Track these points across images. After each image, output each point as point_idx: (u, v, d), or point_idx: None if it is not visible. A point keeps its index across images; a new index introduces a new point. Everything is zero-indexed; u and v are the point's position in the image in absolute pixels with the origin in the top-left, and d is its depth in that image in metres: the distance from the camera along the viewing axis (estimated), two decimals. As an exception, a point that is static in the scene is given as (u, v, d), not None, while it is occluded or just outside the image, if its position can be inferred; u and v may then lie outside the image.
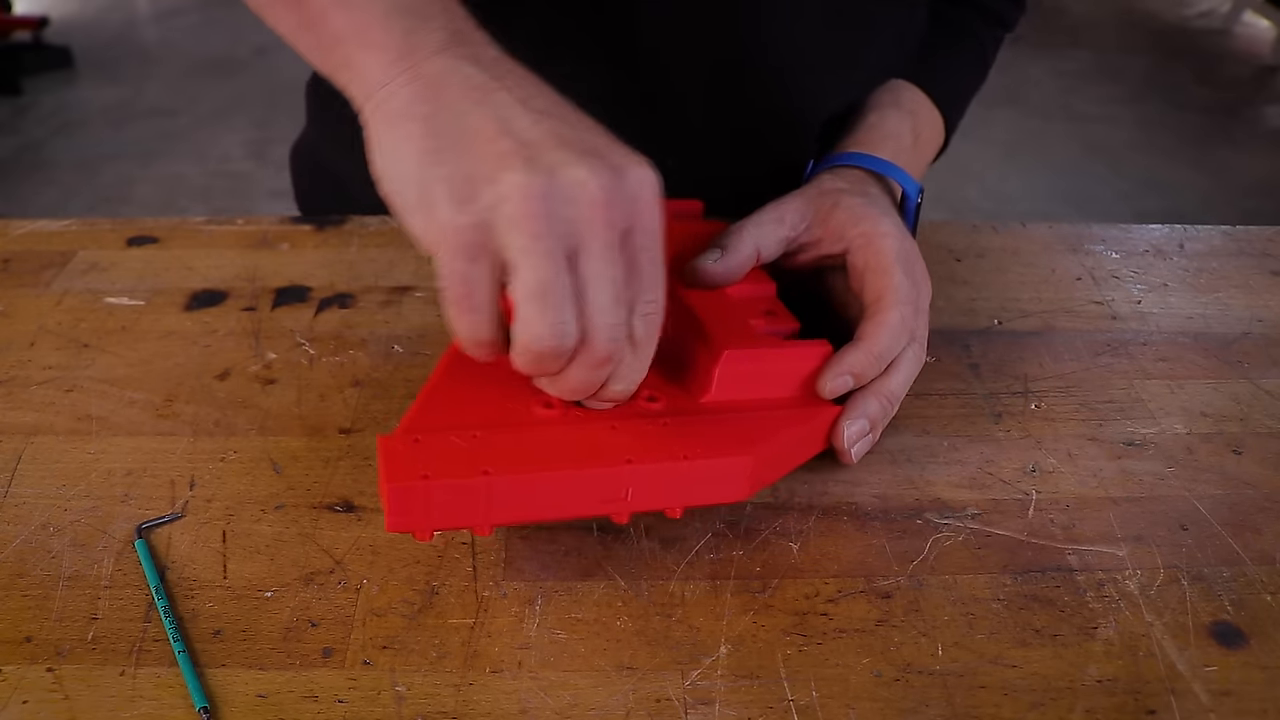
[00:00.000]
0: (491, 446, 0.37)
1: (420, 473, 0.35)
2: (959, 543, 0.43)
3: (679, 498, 0.39)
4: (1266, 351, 0.56)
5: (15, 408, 0.49)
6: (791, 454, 0.44)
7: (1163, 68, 3.50)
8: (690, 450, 0.38)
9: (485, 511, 0.37)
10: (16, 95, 3.06)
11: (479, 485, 0.36)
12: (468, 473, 0.36)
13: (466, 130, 0.34)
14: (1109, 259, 0.65)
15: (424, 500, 0.36)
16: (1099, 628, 0.39)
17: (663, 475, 0.38)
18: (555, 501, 0.38)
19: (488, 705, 0.36)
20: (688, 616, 0.39)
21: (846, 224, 0.48)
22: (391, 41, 0.36)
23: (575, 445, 0.38)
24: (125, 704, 0.36)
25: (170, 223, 0.65)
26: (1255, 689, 0.37)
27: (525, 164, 0.32)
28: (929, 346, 0.48)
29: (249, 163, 2.71)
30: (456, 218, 0.33)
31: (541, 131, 0.34)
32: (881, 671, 0.37)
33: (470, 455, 0.37)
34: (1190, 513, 0.45)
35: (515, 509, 0.37)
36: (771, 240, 0.49)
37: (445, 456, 0.36)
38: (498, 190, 0.32)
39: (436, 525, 0.36)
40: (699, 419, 0.41)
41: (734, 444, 0.40)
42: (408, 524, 0.36)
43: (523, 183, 0.32)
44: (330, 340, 0.54)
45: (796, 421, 0.43)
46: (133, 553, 0.42)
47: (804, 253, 0.50)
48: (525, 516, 0.38)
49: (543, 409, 0.40)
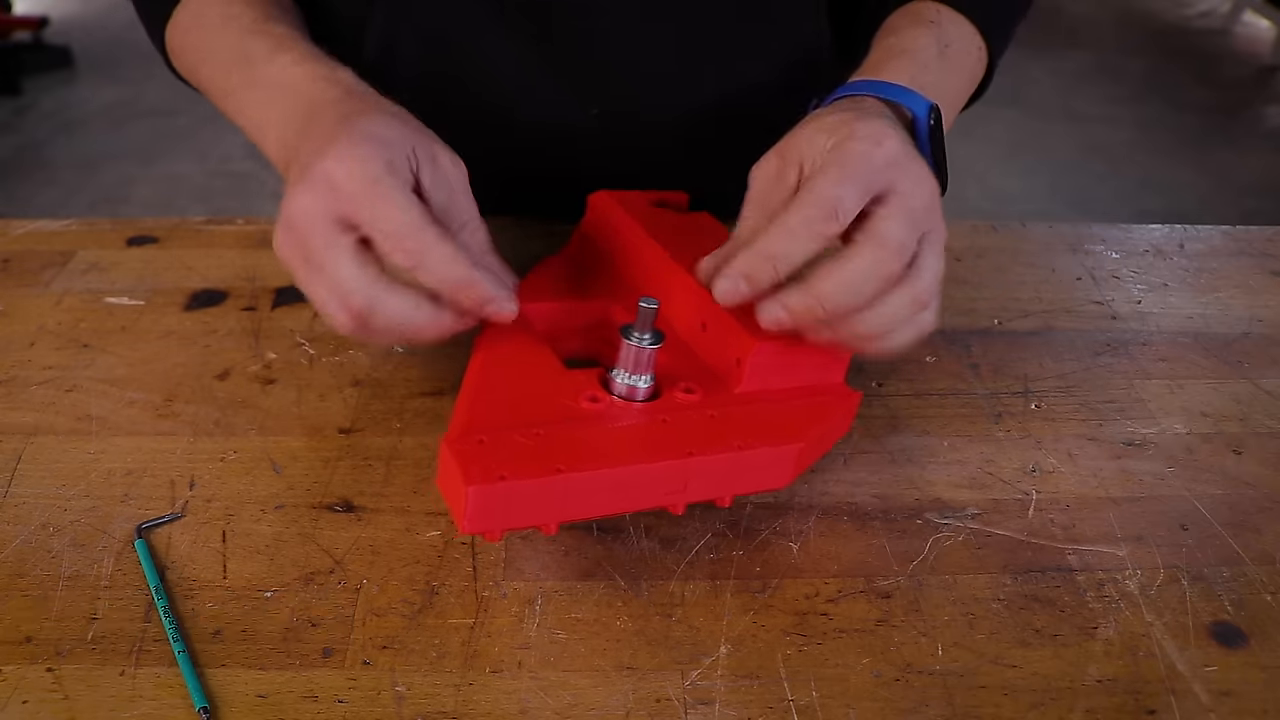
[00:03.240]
0: (557, 444, 0.38)
1: (498, 474, 0.35)
2: (959, 543, 0.43)
3: (730, 486, 0.40)
4: (1266, 351, 0.56)
5: (15, 408, 0.49)
6: (825, 439, 0.44)
7: (1162, 68, 3.50)
8: (745, 440, 0.39)
9: (558, 509, 0.37)
10: (16, 95, 3.06)
11: (554, 484, 0.36)
12: (542, 471, 0.36)
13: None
14: (1109, 259, 0.65)
15: (502, 501, 0.36)
16: (1099, 628, 0.39)
17: (721, 466, 0.39)
18: (621, 496, 0.38)
19: (488, 705, 0.36)
20: (688, 616, 0.39)
21: (824, 141, 0.42)
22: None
23: (637, 439, 0.39)
24: (125, 704, 0.36)
25: (170, 223, 0.65)
26: (1255, 689, 0.37)
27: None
28: (929, 347, 0.48)
29: (249, 163, 2.71)
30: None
31: (295, 170, 0.42)
32: (881, 671, 0.37)
33: (540, 454, 0.37)
34: (1190, 513, 0.45)
35: (584, 505, 0.38)
36: None
37: (516, 456, 0.37)
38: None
39: (510, 525, 0.37)
40: (741, 409, 0.41)
41: (783, 432, 0.41)
42: (484, 526, 0.36)
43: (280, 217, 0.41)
44: (330, 340, 0.54)
45: (829, 408, 0.43)
46: (133, 553, 0.42)
47: None
48: (592, 512, 0.39)
49: (589, 403, 0.40)
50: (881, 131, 0.41)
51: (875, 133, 0.41)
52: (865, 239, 0.39)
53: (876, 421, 0.50)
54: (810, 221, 0.39)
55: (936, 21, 0.53)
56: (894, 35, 0.52)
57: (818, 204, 0.39)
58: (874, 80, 0.48)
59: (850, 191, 0.39)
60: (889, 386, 0.52)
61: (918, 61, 0.49)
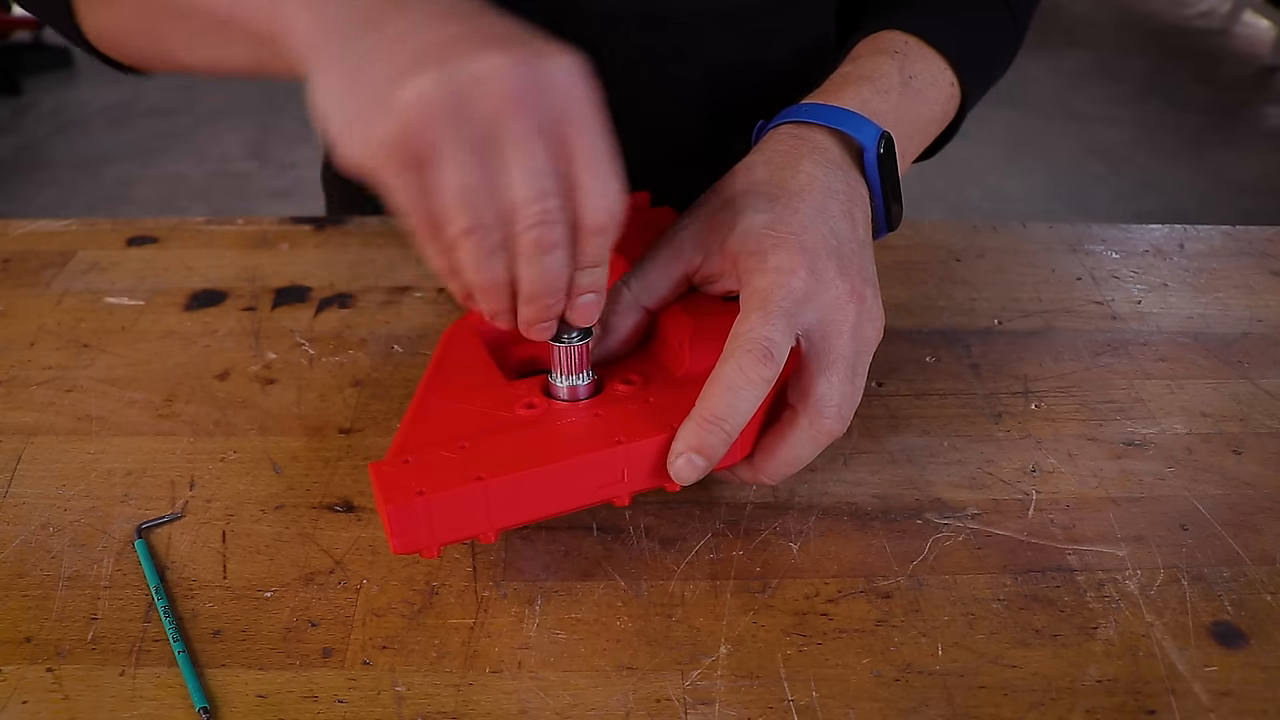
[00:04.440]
0: (481, 454, 0.37)
1: (415, 490, 0.35)
2: (959, 543, 0.43)
3: None
4: (1266, 351, 0.56)
5: (15, 408, 0.49)
6: (775, 408, 0.42)
7: (1162, 68, 3.50)
8: (677, 420, 0.38)
9: (487, 518, 0.37)
10: (16, 95, 3.06)
11: (475, 492, 0.36)
12: (461, 481, 0.36)
13: (368, 54, 0.33)
14: (1109, 259, 0.65)
15: (424, 516, 0.35)
16: (1099, 628, 0.39)
17: (654, 450, 0.38)
18: (555, 496, 0.38)
19: (488, 705, 0.36)
20: (688, 616, 0.39)
21: (740, 253, 0.40)
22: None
23: (563, 437, 0.38)
24: (125, 704, 0.36)
25: (170, 223, 0.65)
26: (1255, 689, 0.37)
27: (426, 68, 0.31)
28: (929, 347, 0.48)
29: (249, 163, 2.71)
30: (375, 134, 0.32)
31: (443, 35, 0.33)
32: (881, 671, 0.37)
33: (462, 465, 0.37)
34: (1190, 513, 0.45)
35: (516, 510, 0.37)
36: (661, 287, 0.42)
37: (437, 471, 0.36)
38: (403, 99, 0.31)
39: (442, 540, 0.36)
40: (680, 390, 0.40)
41: None
42: (413, 543, 0.36)
43: (424, 88, 0.31)
44: (330, 340, 0.54)
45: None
46: (133, 553, 0.42)
47: (710, 285, 0.43)
48: (528, 516, 0.38)
49: (525, 410, 0.40)
50: (796, 253, 0.39)
51: (788, 262, 0.39)
52: (803, 409, 0.39)
53: (876, 421, 0.50)
54: (744, 369, 0.37)
55: (902, 52, 0.50)
56: (853, 63, 0.50)
57: (748, 347, 0.37)
58: (821, 104, 0.46)
59: (776, 330, 0.38)
60: (889, 386, 0.52)
61: (876, 88, 0.47)
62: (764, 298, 0.38)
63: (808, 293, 0.39)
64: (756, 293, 0.38)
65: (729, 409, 0.37)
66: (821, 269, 0.39)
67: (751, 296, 0.39)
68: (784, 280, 0.38)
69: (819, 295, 0.39)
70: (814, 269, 0.39)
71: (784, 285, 0.38)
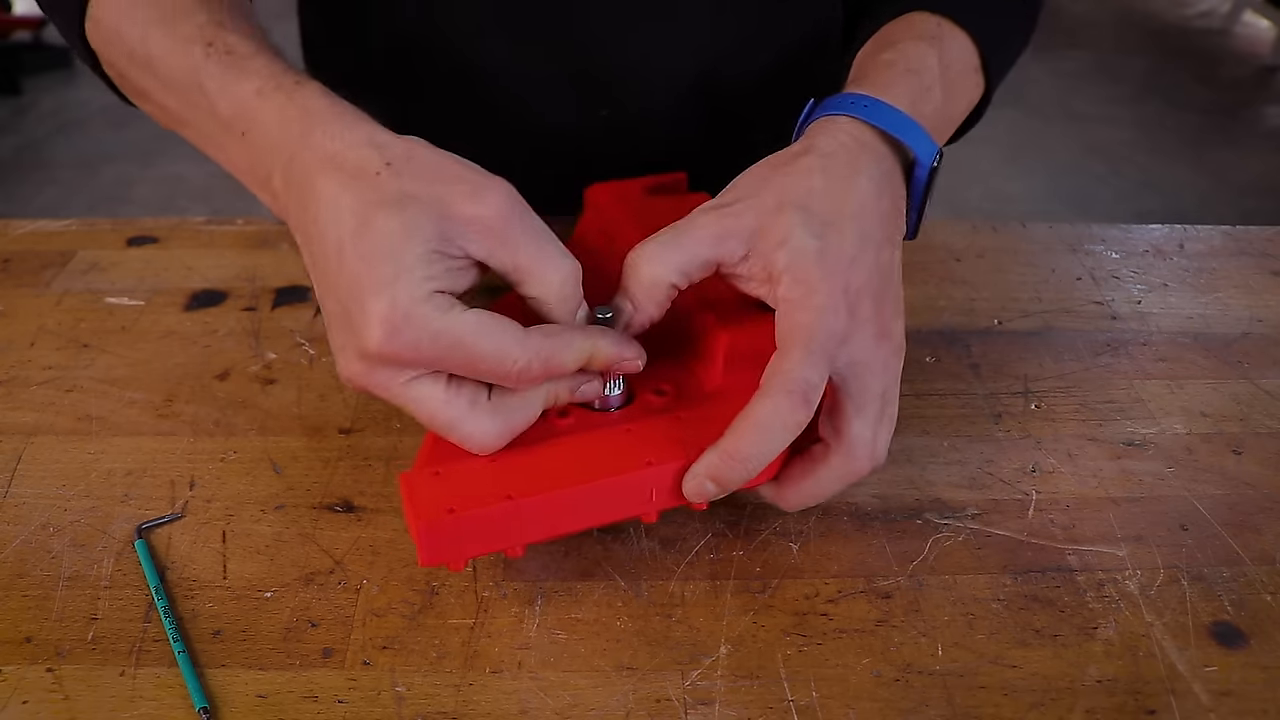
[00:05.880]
0: (512, 469, 0.37)
1: (446, 506, 0.35)
2: (959, 543, 0.43)
3: None
4: (1266, 351, 0.56)
5: (15, 408, 0.49)
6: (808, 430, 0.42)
7: (1162, 68, 3.50)
8: (706, 441, 0.38)
9: (516, 534, 0.37)
10: (16, 95, 3.06)
11: (505, 510, 0.36)
12: (491, 499, 0.36)
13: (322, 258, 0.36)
14: (1109, 259, 0.65)
15: (454, 533, 0.35)
16: (1099, 628, 0.39)
17: (683, 472, 0.38)
18: (583, 513, 0.38)
19: (488, 705, 0.36)
20: (688, 616, 0.39)
21: (785, 276, 0.38)
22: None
23: (593, 455, 0.38)
24: (125, 704, 0.36)
25: (170, 223, 0.65)
26: (1255, 689, 0.37)
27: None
28: (929, 347, 0.48)
29: (249, 163, 2.71)
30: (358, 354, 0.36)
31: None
32: (881, 671, 0.37)
33: (492, 481, 0.36)
34: (1190, 513, 0.45)
35: (544, 527, 0.37)
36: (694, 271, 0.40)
37: (468, 486, 0.36)
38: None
39: (469, 554, 0.36)
40: (711, 406, 0.40)
41: None
42: (440, 557, 0.36)
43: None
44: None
45: None
46: (133, 553, 0.42)
47: (737, 280, 0.41)
48: (556, 532, 0.38)
49: (559, 419, 0.40)
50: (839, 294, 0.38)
51: (832, 302, 0.38)
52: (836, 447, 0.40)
53: (876, 421, 0.50)
54: (780, 412, 0.36)
55: (938, 36, 0.48)
56: (892, 49, 0.47)
57: (787, 389, 0.36)
58: (879, 102, 0.43)
59: (816, 373, 0.37)
60: (889, 386, 0.52)
61: (921, 83, 0.45)
62: (808, 337, 0.37)
63: (847, 333, 0.38)
64: (799, 328, 0.37)
65: (755, 449, 0.37)
66: (860, 309, 0.39)
67: (793, 331, 0.38)
68: (827, 321, 0.38)
69: (855, 335, 0.38)
70: (854, 310, 0.38)
71: (827, 326, 0.37)
